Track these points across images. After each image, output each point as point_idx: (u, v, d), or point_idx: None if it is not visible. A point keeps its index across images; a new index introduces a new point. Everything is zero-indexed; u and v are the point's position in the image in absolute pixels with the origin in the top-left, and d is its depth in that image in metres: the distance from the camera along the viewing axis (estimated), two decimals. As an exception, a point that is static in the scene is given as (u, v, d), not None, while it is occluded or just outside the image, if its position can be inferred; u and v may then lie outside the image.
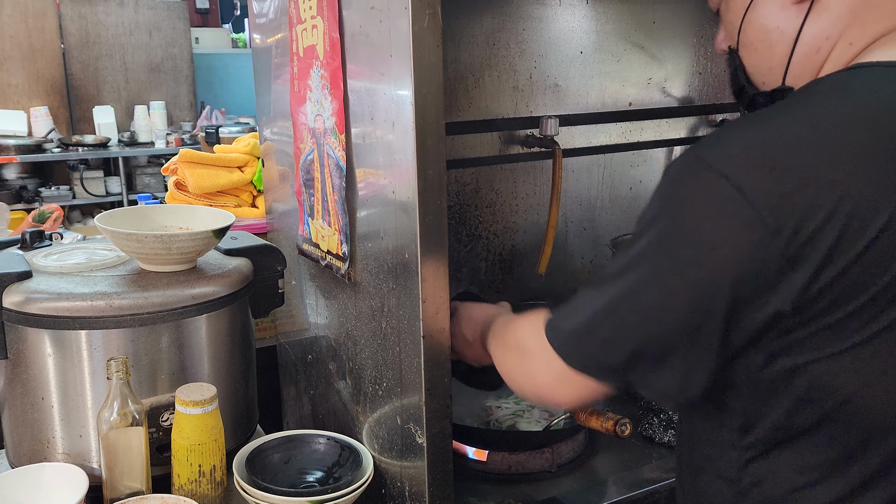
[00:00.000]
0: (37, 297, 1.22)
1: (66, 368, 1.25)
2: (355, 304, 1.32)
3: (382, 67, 1.11)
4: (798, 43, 0.90)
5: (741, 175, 0.77)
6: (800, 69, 0.91)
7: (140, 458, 1.21)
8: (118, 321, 1.23)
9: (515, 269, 2.04)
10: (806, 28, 0.89)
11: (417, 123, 1.04)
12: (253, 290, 1.44)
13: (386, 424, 1.26)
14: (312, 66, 1.29)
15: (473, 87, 1.90)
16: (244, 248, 1.45)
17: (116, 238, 1.28)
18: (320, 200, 1.34)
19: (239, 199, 2.01)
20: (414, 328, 1.12)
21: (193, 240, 1.30)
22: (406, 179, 1.08)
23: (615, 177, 2.14)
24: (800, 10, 0.89)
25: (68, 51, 6.00)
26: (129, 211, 1.46)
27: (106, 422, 1.18)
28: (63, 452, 1.28)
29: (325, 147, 1.28)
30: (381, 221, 1.18)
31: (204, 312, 1.31)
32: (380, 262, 1.20)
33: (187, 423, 1.21)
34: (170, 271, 1.33)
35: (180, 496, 1.20)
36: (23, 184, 5.73)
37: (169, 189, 1.99)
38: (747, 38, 0.96)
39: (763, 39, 0.94)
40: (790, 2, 0.90)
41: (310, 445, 1.35)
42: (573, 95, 2.02)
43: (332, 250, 1.32)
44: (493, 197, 1.99)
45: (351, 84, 1.21)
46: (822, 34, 0.88)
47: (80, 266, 1.32)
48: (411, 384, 1.16)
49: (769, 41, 0.93)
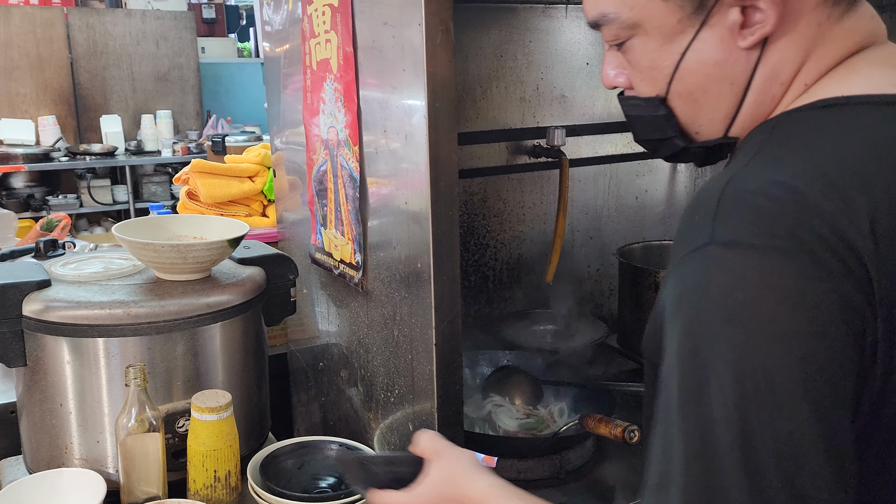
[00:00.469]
0: (56, 305, 1.25)
1: (83, 375, 1.27)
2: (367, 313, 1.34)
3: (395, 81, 1.13)
4: (749, 91, 0.78)
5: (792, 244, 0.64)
6: (749, 118, 0.79)
7: (157, 463, 1.23)
8: (135, 329, 1.25)
9: (523, 278, 2.06)
10: (758, 74, 0.77)
11: (430, 136, 1.07)
12: (266, 298, 1.46)
13: (398, 431, 1.28)
14: (326, 79, 1.32)
15: (481, 98, 1.93)
16: (257, 258, 1.48)
17: (134, 248, 1.31)
18: (333, 210, 1.36)
19: (249, 209, 2.04)
20: (426, 336, 1.14)
21: (209, 249, 1.32)
22: (419, 190, 1.11)
23: (621, 186, 2.16)
24: (750, 56, 0.77)
25: (76, 60, 6.05)
26: (144, 221, 1.49)
27: (124, 428, 1.20)
28: (80, 458, 1.30)
29: (339, 158, 1.31)
30: (393, 231, 1.21)
31: (218, 320, 1.33)
32: (392, 271, 1.22)
33: (203, 430, 1.23)
34: (185, 280, 1.35)
35: (196, 501, 1.22)
36: (30, 192, 5.76)
37: (181, 199, 2.02)
38: (684, 88, 0.80)
39: (707, 91, 0.79)
40: (738, 47, 0.76)
41: (322, 451, 1.37)
42: (579, 106, 2.04)
43: (346, 259, 1.34)
44: (501, 206, 2.01)
45: (364, 97, 1.24)
46: (776, 79, 0.77)
47: (98, 275, 1.34)
48: (423, 391, 1.18)
49: (715, 92, 0.79)
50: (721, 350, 0.64)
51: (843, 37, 0.77)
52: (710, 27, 0.77)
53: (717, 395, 0.64)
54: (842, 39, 0.77)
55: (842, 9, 0.76)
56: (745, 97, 0.78)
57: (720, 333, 0.65)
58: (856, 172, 0.67)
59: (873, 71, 0.76)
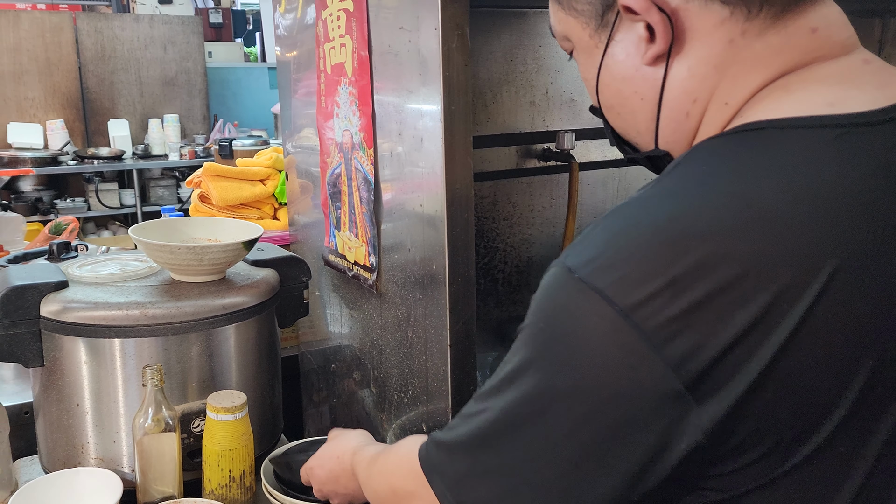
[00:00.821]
0: (74, 306, 1.26)
1: (100, 375, 1.29)
2: (381, 314, 1.35)
3: (411, 85, 1.15)
4: (662, 108, 0.76)
5: (620, 292, 0.62)
6: (671, 134, 0.77)
7: (173, 463, 1.24)
8: (152, 330, 1.26)
9: (532, 282, 2.07)
10: (667, 92, 0.75)
11: (446, 139, 1.08)
12: (279, 300, 1.47)
13: (411, 431, 1.29)
14: (340, 83, 1.33)
15: (491, 103, 1.94)
16: (271, 260, 1.49)
17: (150, 249, 1.32)
18: (347, 213, 1.38)
19: (261, 212, 2.06)
20: (441, 337, 1.15)
21: (224, 251, 1.33)
22: (434, 193, 1.12)
23: (630, 190, 2.17)
24: (657, 72, 0.75)
25: (84, 65, 6.09)
26: (159, 223, 1.50)
27: (140, 428, 1.21)
28: (96, 458, 1.31)
29: (353, 161, 1.32)
30: (408, 233, 1.22)
31: (233, 322, 1.35)
32: (406, 272, 1.24)
33: (218, 430, 1.25)
34: (200, 282, 1.36)
35: (212, 500, 1.23)
36: (38, 196, 5.80)
37: (193, 202, 2.04)
38: (607, 101, 0.81)
39: (623, 105, 0.79)
40: (644, 63, 0.75)
41: None
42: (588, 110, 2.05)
43: (360, 261, 1.36)
44: (511, 210, 2.02)
45: (378, 100, 1.25)
46: (687, 97, 0.74)
47: (115, 276, 1.36)
48: (437, 392, 1.19)
49: (630, 107, 0.78)
50: (522, 355, 0.69)
51: (769, 54, 0.71)
52: (617, 42, 0.77)
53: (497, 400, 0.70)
54: (767, 57, 0.71)
55: (760, 25, 0.71)
56: (659, 112, 0.76)
57: (530, 337, 0.68)
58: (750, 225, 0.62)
59: (810, 89, 0.70)
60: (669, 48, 0.73)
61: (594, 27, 0.78)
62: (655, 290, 0.61)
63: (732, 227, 0.62)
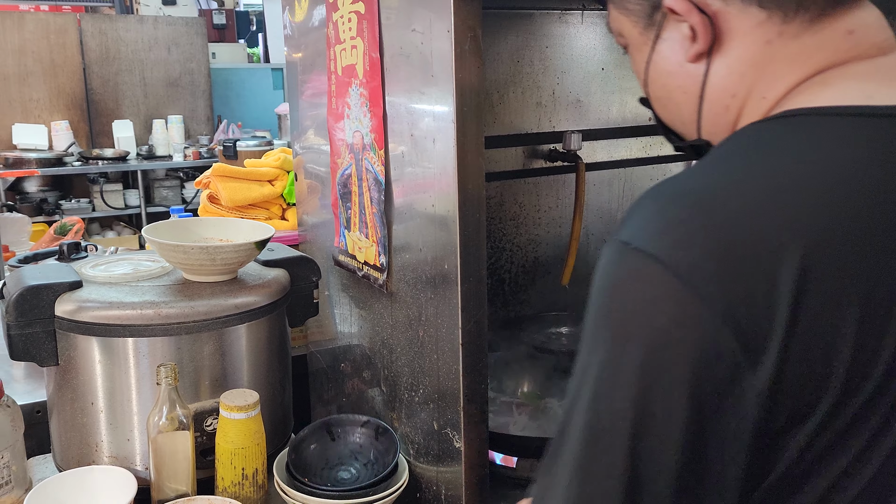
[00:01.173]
0: (88, 305, 1.28)
1: (114, 374, 1.30)
2: (391, 314, 1.37)
3: (423, 86, 1.16)
4: (704, 102, 0.82)
5: (674, 255, 0.65)
6: (712, 125, 0.83)
7: (186, 461, 1.26)
8: (166, 329, 1.28)
9: (539, 281, 2.08)
10: (708, 87, 0.81)
11: (458, 140, 1.09)
12: (290, 299, 1.49)
13: (422, 430, 1.31)
14: (351, 84, 1.34)
15: (498, 104, 1.95)
16: (281, 260, 1.51)
17: (163, 249, 1.33)
18: (357, 213, 1.39)
19: (269, 212, 2.07)
20: (452, 336, 1.16)
21: (237, 251, 1.35)
22: (446, 193, 1.13)
23: (636, 190, 2.18)
24: (699, 69, 0.81)
25: (89, 66, 6.11)
26: (171, 223, 1.51)
27: (155, 426, 1.23)
28: (110, 456, 1.33)
29: (364, 162, 1.33)
30: (419, 234, 1.23)
31: (245, 321, 1.36)
32: (418, 272, 1.25)
33: (231, 428, 1.26)
34: (213, 281, 1.38)
35: (226, 498, 1.24)
36: (43, 197, 5.82)
37: (202, 202, 2.05)
38: (654, 93, 0.88)
39: (668, 97, 0.86)
40: (687, 60, 0.81)
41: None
42: (595, 111, 2.07)
43: (370, 261, 1.37)
44: (517, 210, 2.03)
45: (390, 101, 1.26)
46: (726, 92, 0.80)
47: (128, 276, 1.37)
48: (449, 390, 1.20)
49: (674, 100, 0.85)
50: (589, 339, 0.71)
51: (805, 53, 0.76)
52: (664, 40, 0.83)
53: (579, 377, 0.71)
54: (803, 56, 0.76)
55: (796, 28, 0.76)
56: (701, 105, 0.82)
57: (593, 321, 0.71)
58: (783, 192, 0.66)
59: (848, 83, 0.75)
60: (710, 47, 0.79)
61: (643, 25, 0.84)
62: (705, 252, 0.64)
63: (766, 196, 0.66)
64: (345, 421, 1.42)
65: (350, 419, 1.43)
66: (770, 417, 0.65)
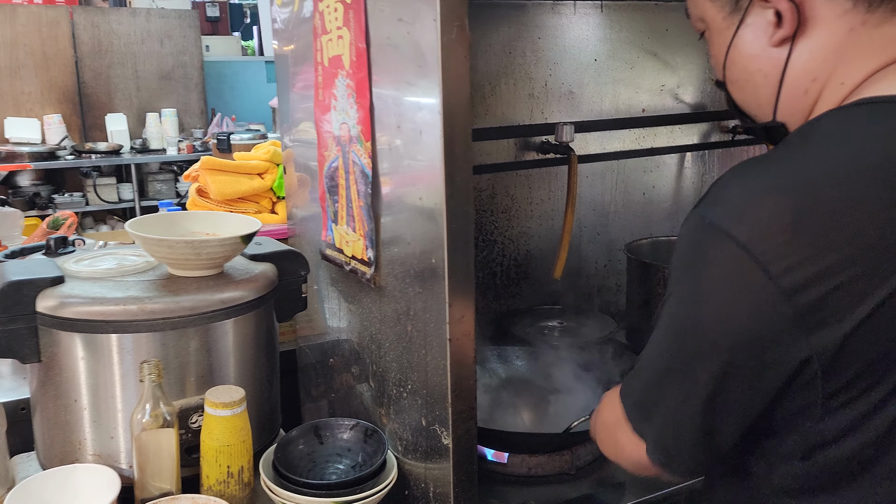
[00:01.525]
0: (71, 301, 1.25)
1: (97, 371, 1.28)
2: (380, 308, 1.35)
3: (410, 77, 1.14)
4: (783, 85, 0.87)
5: (746, 232, 0.75)
6: (789, 109, 0.88)
7: (171, 459, 1.24)
8: (150, 325, 1.26)
9: (531, 274, 2.07)
10: (789, 71, 0.86)
11: (446, 132, 1.07)
12: (277, 294, 1.46)
13: (410, 426, 1.29)
14: (337, 75, 1.32)
15: (490, 95, 1.93)
16: (269, 254, 1.48)
17: (148, 244, 1.31)
18: (345, 207, 1.37)
19: (259, 206, 2.05)
20: (440, 331, 1.14)
21: (223, 245, 1.33)
22: (433, 186, 1.11)
23: (628, 182, 2.17)
24: (781, 53, 0.86)
25: (81, 59, 6.06)
26: (157, 217, 1.49)
27: (138, 423, 1.21)
28: (94, 454, 1.30)
29: (351, 154, 1.31)
30: (407, 227, 1.21)
31: (231, 316, 1.34)
32: (406, 266, 1.23)
33: (217, 425, 1.24)
34: (198, 276, 1.36)
35: (211, 496, 1.23)
36: (36, 191, 5.78)
37: (190, 196, 2.03)
38: (732, 75, 0.93)
39: (747, 80, 0.91)
40: (770, 44, 0.86)
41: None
42: (587, 102, 2.05)
43: (357, 255, 1.35)
44: (509, 203, 2.01)
45: (377, 93, 1.24)
46: (807, 76, 0.85)
47: (112, 271, 1.35)
48: (437, 386, 1.18)
49: (753, 82, 0.90)
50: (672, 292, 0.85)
51: (886, 42, 0.82)
52: (748, 25, 0.88)
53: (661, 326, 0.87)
54: (884, 44, 0.82)
55: (879, 17, 0.81)
56: (780, 89, 0.87)
57: (675, 279, 0.85)
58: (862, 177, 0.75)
59: None
60: (794, 32, 0.84)
61: (728, 11, 0.90)
62: (776, 231, 0.73)
63: (846, 182, 0.74)
64: (333, 424, 1.41)
65: (339, 422, 1.41)
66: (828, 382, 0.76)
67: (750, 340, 0.77)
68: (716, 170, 2.29)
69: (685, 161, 2.24)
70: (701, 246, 0.80)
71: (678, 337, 0.85)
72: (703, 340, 0.81)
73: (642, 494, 1.43)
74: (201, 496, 1.22)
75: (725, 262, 0.76)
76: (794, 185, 0.75)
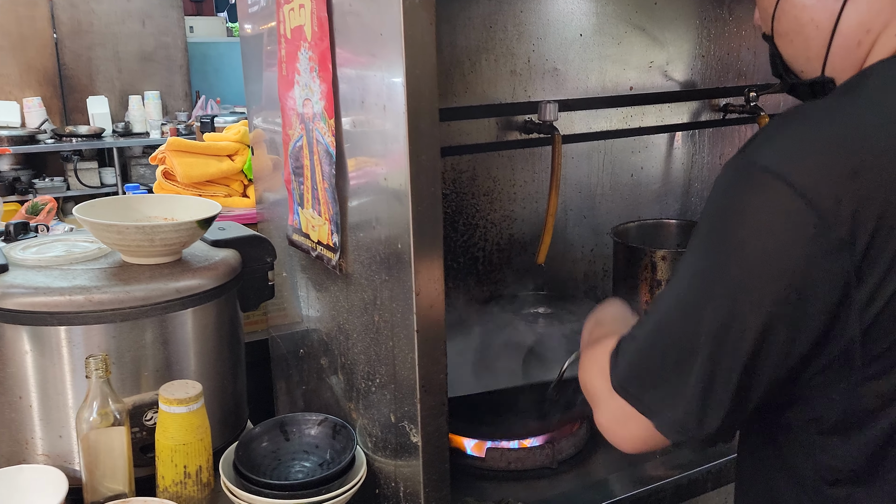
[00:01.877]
0: (12, 291, 1.17)
1: (44, 366, 1.20)
2: (347, 297, 1.27)
3: (373, 48, 1.05)
4: (836, 36, 0.85)
5: (802, 178, 0.71)
6: (840, 61, 0.86)
7: (122, 459, 1.16)
8: (98, 316, 1.17)
9: (514, 259, 1.99)
10: (843, 21, 0.84)
11: (409, 106, 0.98)
12: (241, 282, 1.38)
13: (379, 422, 1.21)
14: (300, 47, 1.23)
15: (470, 72, 1.84)
16: (232, 240, 1.40)
17: (96, 229, 1.23)
18: (310, 189, 1.28)
19: (229, 189, 1.96)
20: (408, 322, 1.07)
21: (177, 231, 1.24)
22: (398, 166, 1.03)
23: (616, 163, 2.08)
24: (834, 4, 0.84)
25: (60, 40, 5.93)
26: (112, 201, 1.40)
27: (86, 422, 1.13)
28: (43, 454, 1.23)
29: (315, 133, 1.23)
30: (373, 210, 1.13)
31: (189, 306, 1.26)
32: (372, 252, 1.15)
33: (171, 423, 1.16)
34: (153, 264, 1.27)
35: (164, 499, 1.15)
36: (16, 175, 5.67)
37: (157, 179, 1.94)
38: (781, 28, 0.90)
39: (798, 32, 0.88)
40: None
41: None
42: (572, 80, 1.96)
43: (323, 241, 1.26)
44: (491, 185, 1.93)
45: (341, 66, 1.15)
46: (861, 27, 0.83)
47: (59, 259, 1.26)
48: (405, 380, 1.10)
49: (804, 34, 0.88)
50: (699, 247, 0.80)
51: None
52: None
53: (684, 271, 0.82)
54: None
55: None
56: (832, 41, 0.85)
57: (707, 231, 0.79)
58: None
59: None
60: None
61: None
62: (835, 177, 0.71)
63: None
64: (300, 419, 1.33)
65: (306, 417, 1.33)
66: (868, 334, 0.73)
67: (798, 290, 0.73)
68: (706, 150, 2.21)
69: (675, 141, 2.16)
70: (749, 192, 0.74)
71: (707, 293, 0.77)
72: (745, 291, 0.75)
73: (627, 490, 1.36)
74: (154, 499, 1.14)
75: (778, 208, 0.72)
76: (852, 134, 0.73)
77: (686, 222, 2.10)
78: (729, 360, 0.77)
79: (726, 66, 2.15)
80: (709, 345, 0.77)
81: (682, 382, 0.80)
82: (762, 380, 0.78)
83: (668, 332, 0.81)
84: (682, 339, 0.79)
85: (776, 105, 2.15)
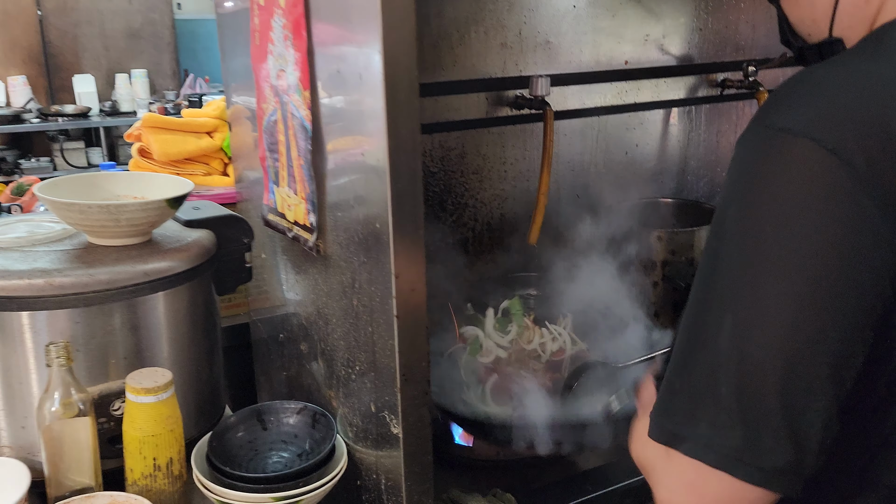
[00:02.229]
0: (-31, 275, 1.10)
1: (5, 354, 1.13)
2: (325, 280, 1.20)
3: (350, 14, 0.98)
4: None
5: (834, 135, 0.65)
6: (848, 20, 0.81)
7: (88, 451, 1.10)
8: (60, 301, 1.11)
9: (505, 239, 1.92)
10: None
11: (387, 75, 0.92)
12: (216, 264, 1.32)
13: (360, 412, 1.15)
14: (274, 14, 1.16)
15: (458, 44, 1.77)
16: (206, 220, 1.33)
17: (58, 208, 1.16)
18: (285, 166, 1.22)
19: (209, 167, 1.88)
20: (387, 306, 1.00)
21: (145, 210, 1.17)
22: (375, 140, 0.96)
23: (610, 140, 2.01)
24: None
25: (45, 17, 5.81)
26: (78, 178, 1.33)
27: (48, 412, 1.06)
28: (6, 446, 1.17)
29: (289, 106, 1.15)
30: (351, 188, 1.06)
31: (159, 290, 1.19)
32: (350, 233, 1.08)
33: (139, 413, 1.10)
34: (120, 245, 1.21)
35: (132, 493, 1.09)
36: (2, 156, 5.58)
37: (133, 156, 1.86)
38: None
39: None
40: None
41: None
42: (565, 53, 1.88)
43: (299, 221, 1.20)
44: (480, 162, 1.86)
45: (316, 35, 1.08)
46: None
47: (21, 240, 1.20)
48: (385, 368, 1.04)
49: None
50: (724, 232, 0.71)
51: None
52: None
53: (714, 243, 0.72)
54: None
55: None
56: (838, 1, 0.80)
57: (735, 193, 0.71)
58: None
59: None
60: None
61: None
62: (864, 135, 0.65)
63: None
64: (278, 408, 1.27)
65: (284, 406, 1.27)
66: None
67: (845, 262, 0.65)
68: (703, 127, 2.15)
69: (671, 117, 2.09)
70: (776, 158, 0.67)
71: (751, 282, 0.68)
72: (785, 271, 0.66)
73: (617, 482, 1.31)
74: (121, 494, 1.08)
75: (812, 171, 0.66)
76: (876, 88, 0.69)
77: (682, 201, 2.04)
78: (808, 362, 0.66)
79: (724, 39, 2.08)
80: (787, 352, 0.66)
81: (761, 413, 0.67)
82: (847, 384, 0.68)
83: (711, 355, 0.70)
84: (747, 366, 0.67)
85: (775, 80, 2.08)
